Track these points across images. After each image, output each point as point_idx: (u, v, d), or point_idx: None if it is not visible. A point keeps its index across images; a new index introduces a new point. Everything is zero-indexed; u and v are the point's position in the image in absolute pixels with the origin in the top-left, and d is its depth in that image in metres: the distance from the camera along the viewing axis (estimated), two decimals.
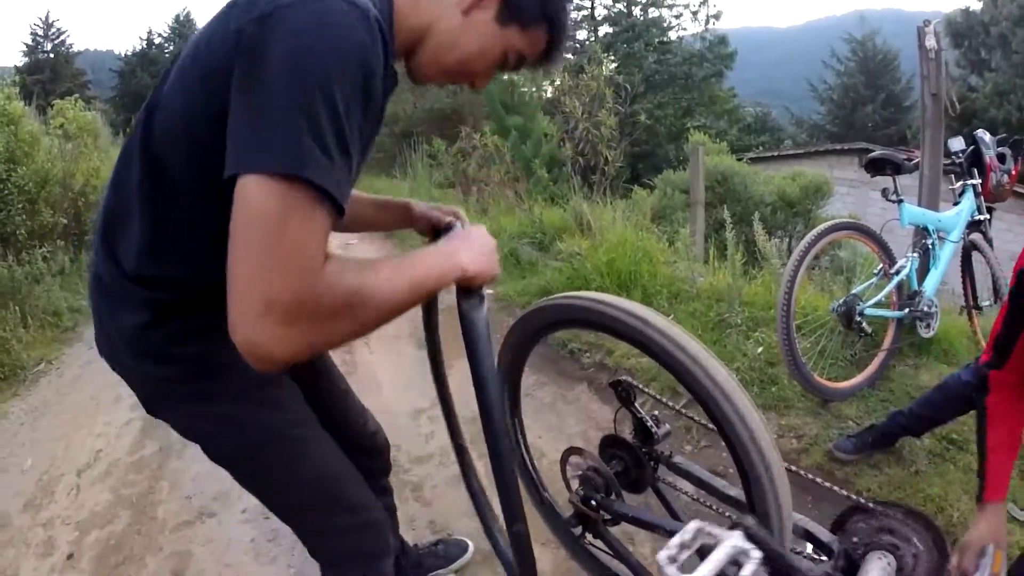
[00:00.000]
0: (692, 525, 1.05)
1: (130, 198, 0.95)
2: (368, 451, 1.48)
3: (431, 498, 2.42)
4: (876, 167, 2.73)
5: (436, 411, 2.48)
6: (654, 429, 1.31)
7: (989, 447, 1.31)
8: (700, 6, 27.06)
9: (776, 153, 17.69)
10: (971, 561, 1.24)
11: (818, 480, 1.30)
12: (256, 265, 0.70)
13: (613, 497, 1.36)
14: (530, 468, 1.61)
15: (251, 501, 2.38)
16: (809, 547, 1.22)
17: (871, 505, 1.17)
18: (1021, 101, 19.67)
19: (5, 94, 5.59)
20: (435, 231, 1.34)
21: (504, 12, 0.99)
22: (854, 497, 1.21)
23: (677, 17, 27.54)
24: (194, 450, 1.23)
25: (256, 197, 0.70)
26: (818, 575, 1.08)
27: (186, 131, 0.85)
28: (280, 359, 0.73)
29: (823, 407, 2.51)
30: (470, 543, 2.04)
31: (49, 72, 31.10)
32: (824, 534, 1.20)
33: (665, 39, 26.97)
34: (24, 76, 32.05)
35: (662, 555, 1.00)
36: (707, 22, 27.09)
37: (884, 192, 2.71)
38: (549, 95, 6.95)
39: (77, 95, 8.65)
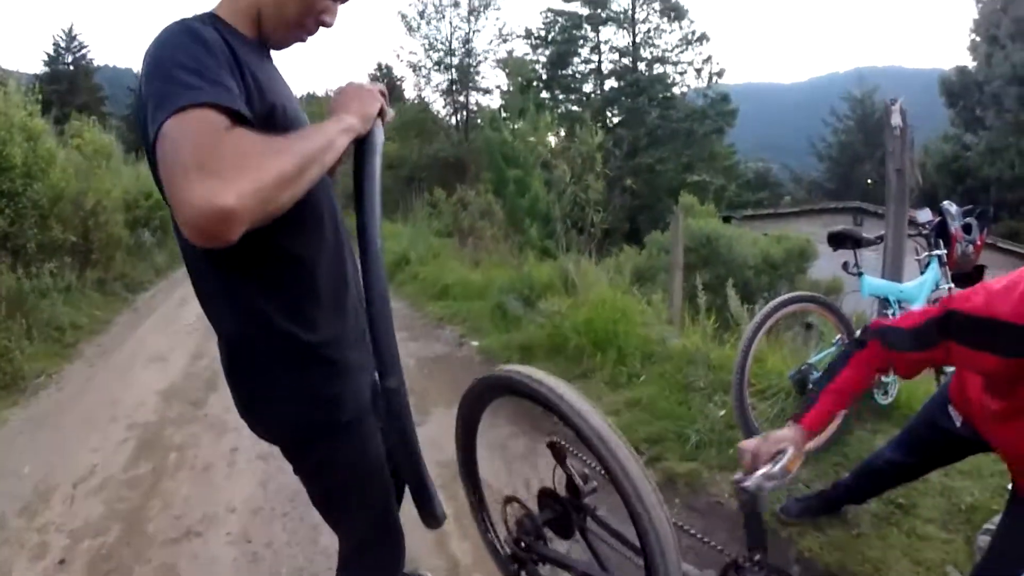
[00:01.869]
0: None
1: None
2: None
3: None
4: (837, 241, 2.86)
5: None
6: (581, 485, 1.48)
7: (829, 387, 1.48)
8: (704, 63, 27.67)
9: (773, 211, 18.06)
10: (768, 451, 1.37)
11: (704, 539, 1.51)
12: (176, 159, 0.85)
13: (542, 542, 1.55)
14: (482, 511, 1.82)
15: (235, 524, 2.63)
16: None
17: (744, 563, 1.37)
18: (1014, 159, 19.85)
19: (28, 111, 5.81)
20: None
21: None
22: (730, 556, 1.41)
23: (681, 74, 28.13)
24: (185, 473, 1.39)
25: (162, 140, 0.88)
26: None
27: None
28: (230, 205, 0.82)
29: None
30: None
31: (67, 84, 31.37)
32: None
33: (668, 95, 27.50)
34: (43, 85, 32.42)
35: None
36: (710, 79, 27.67)
37: (845, 266, 2.86)
38: (545, 153, 7.23)
39: (95, 117, 8.89)
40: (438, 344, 5.39)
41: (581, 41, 28.82)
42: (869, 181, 27.47)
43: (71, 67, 33.68)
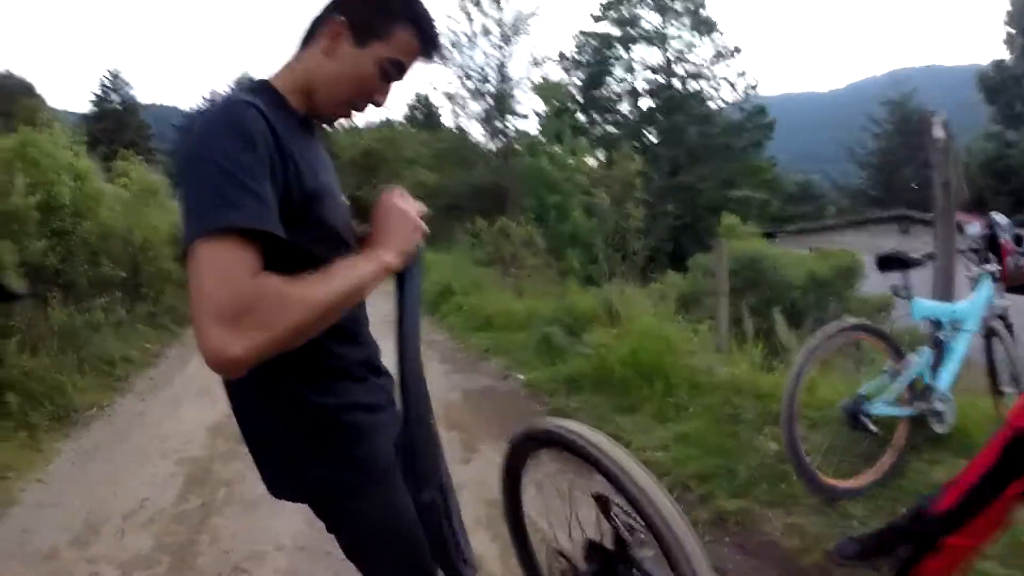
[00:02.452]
0: None
1: None
2: None
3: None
4: (886, 265, 2.78)
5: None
6: (628, 538, 1.44)
7: None
8: (738, 77, 27.52)
9: (818, 225, 17.74)
10: None
11: None
12: (200, 295, 0.89)
13: None
14: (530, 564, 1.82)
15: (282, 562, 2.63)
16: None
17: None
18: None
19: (74, 152, 6.04)
20: None
21: (358, 36, 1.15)
22: None
23: (716, 89, 28.05)
24: (234, 509, 1.41)
25: (193, 259, 0.91)
26: None
27: None
28: (238, 356, 0.88)
29: (830, 505, 2.53)
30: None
31: (114, 122, 32.80)
32: None
33: (705, 111, 27.40)
34: (91, 124, 34.00)
35: None
36: (746, 93, 27.46)
37: (894, 289, 2.76)
38: (584, 181, 7.24)
39: (141, 156, 9.21)
40: (483, 377, 5.39)
41: (614, 61, 28.98)
42: (914, 185, 26.73)
43: (118, 106, 35.21)
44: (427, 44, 1.19)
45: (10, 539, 2.86)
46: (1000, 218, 2.82)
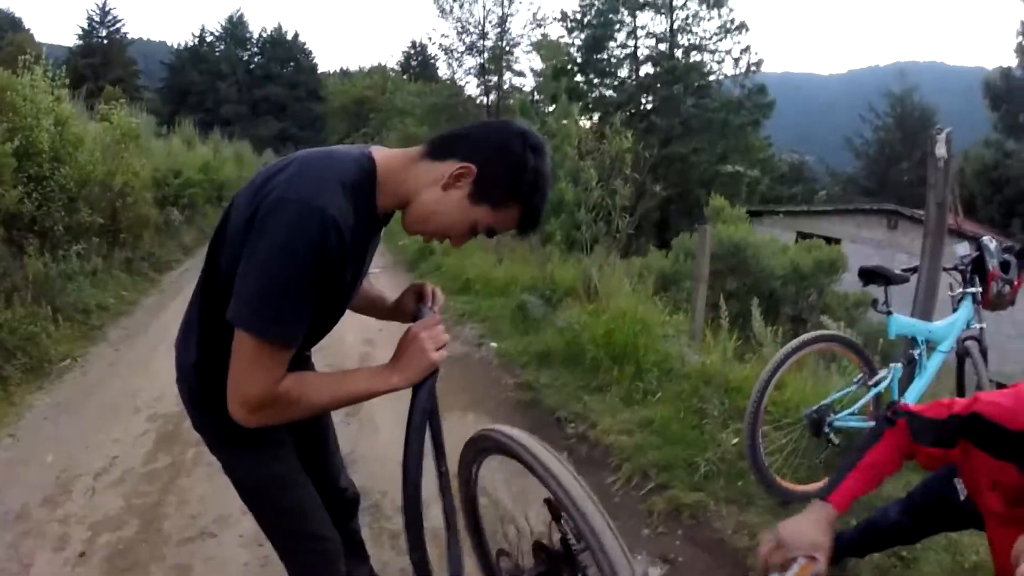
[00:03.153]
0: None
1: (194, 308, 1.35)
2: (336, 500, 1.79)
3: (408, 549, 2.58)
4: (868, 278, 2.79)
5: (427, 463, 2.64)
6: (574, 544, 1.48)
7: (861, 463, 1.44)
8: (742, 53, 27.13)
9: (806, 208, 17.79)
10: (777, 562, 1.32)
11: None
12: (238, 378, 1.15)
13: None
14: (487, 562, 1.89)
15: (248, 527, 2.67)
16: None
17: None
18: None
19: (55, 96, 5.89)
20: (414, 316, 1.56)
21: (475, 193, 1.22)
22: None
23: (719, 63, 27.61)
24: (202, 470, 1.52)
25: (239, 339, 1.13)
26: None
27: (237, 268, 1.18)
28: (251, 424, 1.19)
29: (784, 508, 2.57)
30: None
31: (101, 57, 31.94)
32: None
33: (704, 83, 27.07)
34: (77, 59, 33.03)
35: None
36: (748, 70, 27.14)
37: (874, 303, 2.78)
38: (572, 153, 7.15)
39: (123, 99, 8.99)
40: (457, 343, 5.39)
41: (618, 25, 28.38)
42: (906, 181, 26.80)
43: (105, 41, 34.19)
44: (525, 224, 1.28)
45: None
46: (990, 242, 2.82)
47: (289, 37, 43.47)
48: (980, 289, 2.80)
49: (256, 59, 43.29)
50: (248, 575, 2.42)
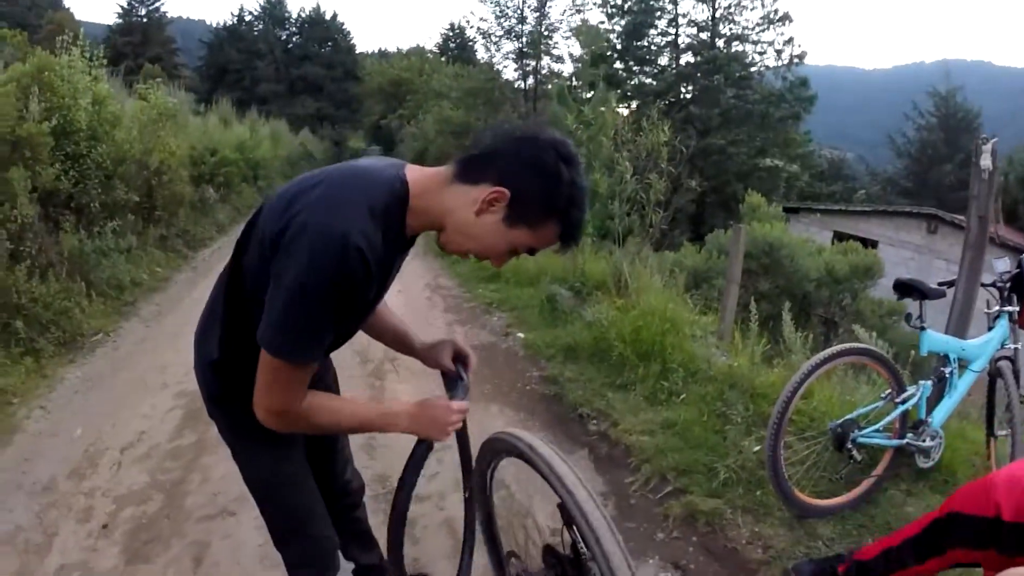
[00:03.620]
0: None
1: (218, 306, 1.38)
2: (341, 491, 1.86)
3: (420, 536, 2.58)
4: (903, 291, 2.71)
5: (444, 452, 2.65)
6: (583, 550, 1.48)
7: None
8: (785, 44, 26.47)
9: (844, 207, 17.36)
10: None
11: None
12: (264, 390, 1.23)
13: None
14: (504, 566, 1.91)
15: None
16: None
17: None
18: None
19: (93, 75, 5.98)
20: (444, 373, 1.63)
21: (511, 216, 1.20)
22: None
23: (760, 54, 26.95)
24: (225, 450, 1.59)
25: (265, 358, 1.20)
26: None
27: (265, 262, 1.21)
28: (275, 428, 1.27)
29: (800, 521, 2.54)
30: None
31: (140, 36, 32.43)
32: None
33: (746, 75, 26.50)
34: (116, 37, 33.61)
35: None
36: (790, 62, 26.48)
37: (908, 318, 2.70)
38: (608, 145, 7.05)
39: (160, 78, 9.10)
40: (484, 332, 5.41)
41: (659, 13, 27.87)
42: (947, 183, 25.95)
43: (144, 19, 34.67)
44: (566, 239, 1.26)
45: (12, 468, 2.98)
46: None
47: (327, 17, 43.57)
48: (1018, 308, 2.72)
49: (294, 39, 43.50)
50: (262, 556, 2.45)
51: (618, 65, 27.82)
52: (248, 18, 41.94)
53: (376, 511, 2.71)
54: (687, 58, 27.94)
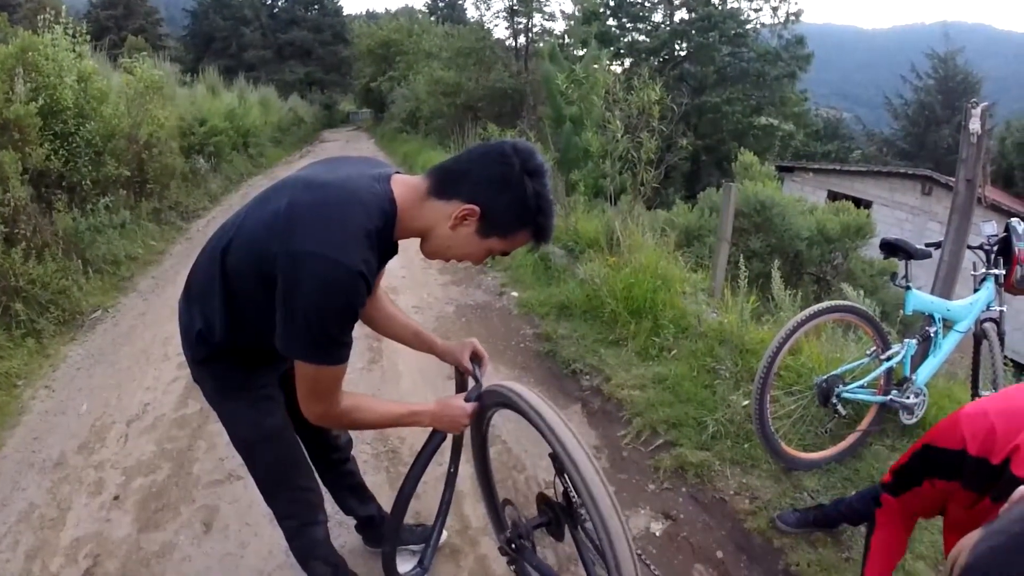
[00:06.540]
0: None
1: (214, 298, 1.45)
2: (329, 447, 2.03)
3: (420, 491, 2.64)
4: (889, 251, 2.74)
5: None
6: (574, 497, 1.56)
7: (871, 558, 1.51)
8: (781, 2, 25.98)
9: (839, 167, 17.25)
10: None
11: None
12: (309, 397, 1.39)
13: (530, 546, 1.76)
14: (498, 512, 2.06)
15: None
16: None
17: None
18: None
19: (77, 53, 5.90)
20: (459, 373, 1.81)
21: (483, 229, 1.33)
22: None
23: (756, 11, 26.47)
24: None
25: (304, 369, 1.33)
26: None
27: (254, 269, 1.33)
28: (323, 426, 1.62)
29: (786, 473, 2.63)
30: (445, 533, 2.34)
31: (122, 8, 31.67)
32: None
33: (741, 31, 26.11)
34: (98, 11, 32.84)
35: None
36: (787, 20, 26.04)
37: (893, 277, 2.75)
38: (599, 104, 6.98)
39: (144, 52, 8.94)
40: (479, 291, 5.44)
41: None
42: (944, 147, 25.59)
43: None
44: (538, 240, 1.38)
45: (22, 448, 3.06)
46: (1018, 225, 2.75)
47: None
48: (1004, 271, 2.76)
49: (280, 3, 42.70)
50: (270, 516, 2.47)
51: (611, 22, 27.34)
52: None
53: (378, 468, 2.82)
54: (681, 15, 27.46)
